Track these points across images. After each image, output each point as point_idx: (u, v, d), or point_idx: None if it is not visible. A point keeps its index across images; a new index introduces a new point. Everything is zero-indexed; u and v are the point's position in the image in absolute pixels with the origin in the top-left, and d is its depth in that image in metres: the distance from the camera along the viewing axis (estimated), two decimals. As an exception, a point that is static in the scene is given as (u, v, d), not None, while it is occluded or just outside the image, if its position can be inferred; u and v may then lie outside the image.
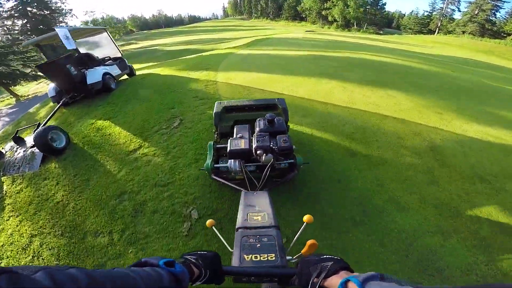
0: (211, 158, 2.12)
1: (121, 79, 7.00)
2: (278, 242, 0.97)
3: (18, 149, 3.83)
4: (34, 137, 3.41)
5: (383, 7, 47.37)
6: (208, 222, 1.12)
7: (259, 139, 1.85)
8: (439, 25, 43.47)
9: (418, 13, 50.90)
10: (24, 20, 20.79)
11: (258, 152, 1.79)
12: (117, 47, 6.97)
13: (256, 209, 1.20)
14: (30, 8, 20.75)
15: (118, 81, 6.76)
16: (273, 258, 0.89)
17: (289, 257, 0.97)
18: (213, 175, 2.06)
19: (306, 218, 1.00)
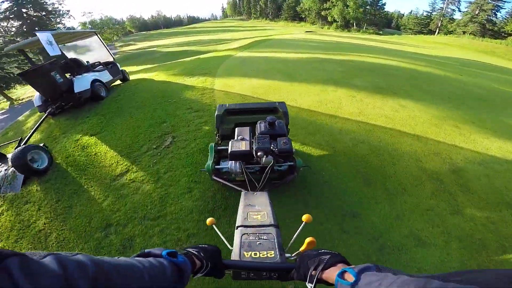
0: (212, 160, 2.15)
1: (114, 85, 6.66)
2: (278, 240, 0.98)
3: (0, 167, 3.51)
4: (12, 158, 3.07)
5: (383, 7, 47.19)
6: (209, 221, 1.10)
7: (260, 141, 1.87)
8: (439, 25, 43.23)
9: (418, 13, 50.77)
10: (20, 22, 20.43)
11: (259, 154, 1.80)
12: (109, 51, 6.59)
13: (256, 208, 1.20)
14: (25, 10, 20.36)
15: (111, 87, 6.42)
16: (272, 255, 0.89)
17: (288, 255, 0.95)
18: (214, 176, 2.09)
19: (305, 218, 0.98)
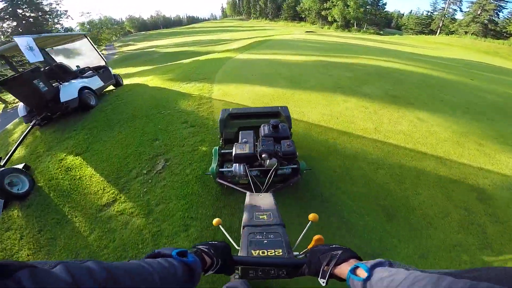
0: (216, 163, 2.16)
1: (107, 90, 6.26)
2: (285, 239, 0.98)
3: None
4: None
5: (384, 7, 46.83)
6: (215, 221, 1.11)
7: (264, 143, 1.90)
8: (441, 26, 42.87)
9: (418, 13, 50.39)
10: (15, 23, 20.04)
11: (263, 156, 1.83)
12: (100, 55, 6.16)
13: (262, 209, 1.19)
14: (21, 10, 19.96)
15: (103, 93, 6.02)
16: (280, 253, 0.89)
17: (296, 253, 0.94)
18: (218, 179, 2.09)
19: (312, 217, 0.99)
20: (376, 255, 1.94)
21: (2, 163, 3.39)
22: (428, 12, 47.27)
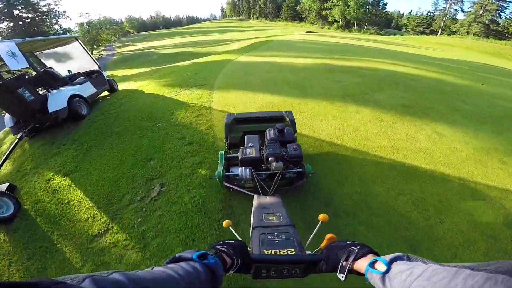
0: (222, 167, 2.16)
1: (100, 96, 5.94)
2: (296, 238, 0.97)
3: None
4: None
5: (384, 7, 46.55)
6: (225, 223, 1.08)
7: (270, 147, 1.89)
8: (442, 26, 42.57)
9: (418, 13, 50.08)
10: (12, 24, 19.68)
11: (270, 159, 1.83)
12: (93, 58, 5.81)
13: (271, 211, 1.16)
14: (17, 11, 19.60)
15: (96, 99, 5.69)
16: (293, 252, 0.87)
17: (308, 252, 0.91)
18: (224, 182, 2.09)
19: (321, 217, 0.97)
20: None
21: None
22: (429, 12, 47.00)
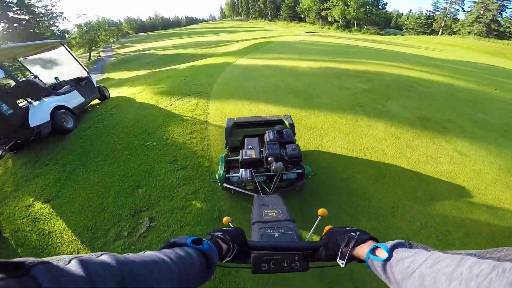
0: (223, 169, 2.17)
1: (90, 105, 5.54)
2: (296, 232, 0.96)
3: None
4: None
5: (384, 7, 46.20)
6: (225, 219, 1.08)
7: (270, 148, 1.93)
8: (443, 25, 42.21)
9: (418, 13, 49.66)
10: (7, 25, 19.29)
11: (269, 159, 1.86)
12: (81, 64, 5.40)
13: (270, 208, 1.17)
14: (12, 13, 19.20)
15: (85, 108, 5.28)
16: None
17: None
18: (225, 184, 2.09)
19: (321, 212, 0.97)
20: None
21: None
22: (428, 12, 46.63)
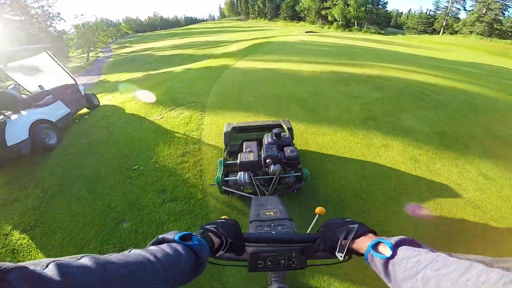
0: (221, 173, 2.16)
1: (78, 114, 5.12)
2: (293, 230, 0.97)
3: None
4: None
5: (385, 6, 45.77)
6: (223, 218, 1.03)
7: (268, 150, 1.95)
8: (444, 25, 41.78)
9: (418, 12, 49.19)
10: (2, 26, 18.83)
11: (267, 161, 1.87)
12: (66, 71, 4.97)
13: (268, 207, 1.17)
14: (5, 14, 18.74)
15: (74, 118, 4.86)
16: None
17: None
18: (223, 187, 2.09)
19: (318, 210, 0.97)
20: None
21: None
22: (428, 11, 46.21)
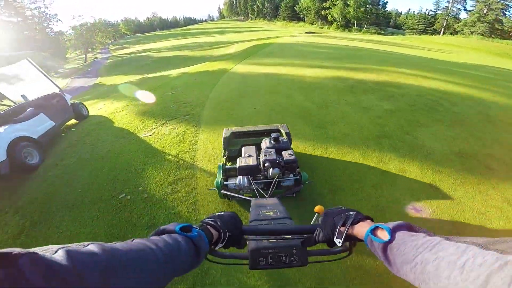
0: (221, 177, 2.17)
1: (65, 126, 4.72)
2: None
3: None
4: None
5: (385, 6, 45.47)
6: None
7: (266, 154, 1.99)
8: (444, 25, 41.46)
9: (417, 12, 48.90)
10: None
11: (266, 165, 1.91)
12: (49, 79, 4.57)
13: (267, 208, 1.16)
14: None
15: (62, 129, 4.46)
16: (290, 238, 0.82)
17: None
18: (223, 191, 2.10)
19: (317, 209, 0.95)
20: None
21: None
22: (427, 11, 45.88)
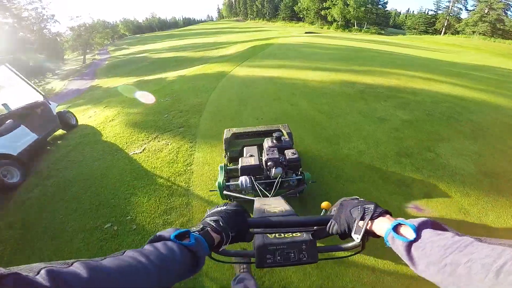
0: (222, 178, 2.14)
1: (51, 138, 4.30)
2: None
3: None
4: None
5: (385, 6, 45.16)
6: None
7: (269, 153, 1.93)
8: (446, 25, 41.14)
9: (417, 12, 48.56)
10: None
11: (269, 164, 1.87)
12: (33, 86, 4.15)
13: (272, 206, 1.10)
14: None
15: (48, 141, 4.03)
16: (299, 234, 0.77)
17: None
18: (225, 192, 2.08)
19: (325, 205, 0.90)
20: None
21: None
22: (427, 11, 45.55)
